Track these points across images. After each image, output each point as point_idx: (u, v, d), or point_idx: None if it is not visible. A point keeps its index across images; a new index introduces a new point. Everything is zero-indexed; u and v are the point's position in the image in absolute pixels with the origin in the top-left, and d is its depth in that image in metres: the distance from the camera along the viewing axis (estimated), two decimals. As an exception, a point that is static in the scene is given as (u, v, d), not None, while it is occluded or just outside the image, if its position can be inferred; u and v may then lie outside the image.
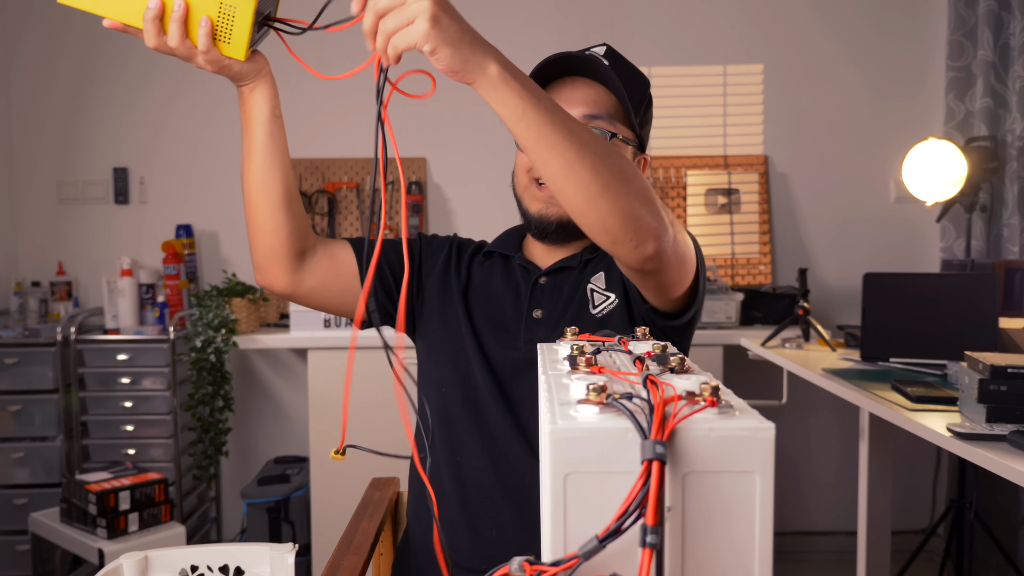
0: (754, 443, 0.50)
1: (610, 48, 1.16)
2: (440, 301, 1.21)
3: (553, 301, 1.15)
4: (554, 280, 1.17)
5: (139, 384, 2.62)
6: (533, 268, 1.20)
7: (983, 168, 2.64)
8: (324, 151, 3.03)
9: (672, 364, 0.62)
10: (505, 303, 1.18)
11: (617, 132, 1.11)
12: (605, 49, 1.16)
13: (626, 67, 1.16)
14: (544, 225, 1.15)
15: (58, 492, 2.49)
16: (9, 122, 3.04)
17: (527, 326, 1.15)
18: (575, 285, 1.15)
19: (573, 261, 1.18)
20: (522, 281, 1.19)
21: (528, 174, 1.15)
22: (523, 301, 1.17)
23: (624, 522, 0.47)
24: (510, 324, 1.16)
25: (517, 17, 3.00)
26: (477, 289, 1.21)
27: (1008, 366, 1.26)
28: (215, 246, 3.08)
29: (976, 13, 2.84)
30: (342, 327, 2.57)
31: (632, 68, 1.17)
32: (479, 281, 1.22)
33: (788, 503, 3.06)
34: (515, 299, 1.18)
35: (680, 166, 3.05)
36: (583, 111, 1.10)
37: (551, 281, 1.17)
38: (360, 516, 1.23)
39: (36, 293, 2.91)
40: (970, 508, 2.37)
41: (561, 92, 1.12)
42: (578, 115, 1.10)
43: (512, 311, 1.17)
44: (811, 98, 3.07)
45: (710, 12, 3.06)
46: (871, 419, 1.98)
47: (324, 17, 0.88)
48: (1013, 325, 1.96)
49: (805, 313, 2.36)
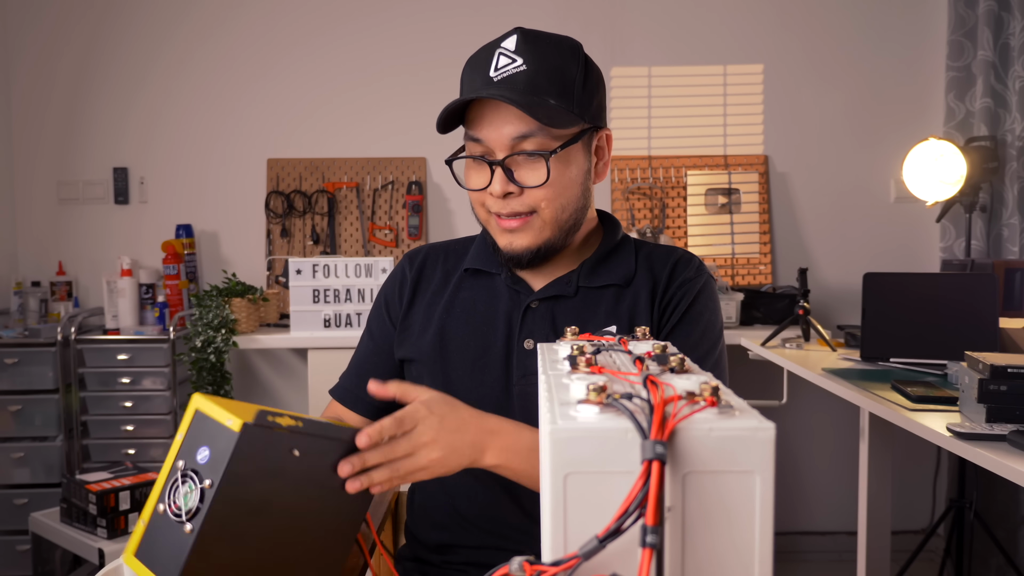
0: (754, 443, 0.50)
1: (522, 34, 1.04)
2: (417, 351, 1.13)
3: (546, 331, 1.07)
4: (546, 307, 1.09)
5: (139, 384, 2.62)
6: (524, 290, 1.11)
7: (983, 168, 2.64)
8: (324, 151, 3.03)
9: (672, 364, 0.62)
10: (494, 332, 1.10)
11: (558, 140, 1.01)
12: (516, 40, 1.03)
13: (546, 45, 1.03)
14: (514, 258, 1.07)
15: (58, 492, 2.49)
16: (9, 122, 3.04)
17: (519, 358, 1.08)
18: (569, 320, 1.07)
19: (568, 288, 1.09)
20: (511, 305, 1.11)
21: (484, 207, 1.07)
22: (513, 329, 1.09)
23: (624, 522, 0.47)
24: (497, 359, 1.08)
25: (517, 18, 3.00)
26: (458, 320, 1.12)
27: (1008, 366, 1.26)
28: (215, 246, 3.08)
29: (976, 13, 2.84)
30: (342, 327, 2.57)
31: (553, 43, 1.03)
32: (460, 311, 1.13)
33: (788, 503, 3.06)
34: (505, 328, 1.10)
35: (680, 166, 3.05)
36: (513, 132, 1.00)
37: (543, 307, 1.09)
38: (360, 516, 1.22)
39: (36, 293, 2.91)
40: (970, 508, 2.37)
41: (483, 116, 1.02)
42: (508, 137, 1.01)
43: (501, 341, 1.09)
44: (811, 98, 3.07)
45: (710, 12, 3.06)
46: (871, 419, 1.98)
47: None
48: (1013, 325, 1.96)
49: (805, 313, 2.36)
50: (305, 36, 3.04)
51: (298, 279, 2.55)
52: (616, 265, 1.12)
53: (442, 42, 3.03)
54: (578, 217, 1.08)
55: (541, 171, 1.02)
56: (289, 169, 3.03)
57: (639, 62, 3.07)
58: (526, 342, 1.08)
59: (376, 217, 3.03)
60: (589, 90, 1.04)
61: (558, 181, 1.03)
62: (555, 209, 1.04)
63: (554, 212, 1.04)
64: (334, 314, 2.56)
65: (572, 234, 1.09)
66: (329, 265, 2.55)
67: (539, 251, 1.06)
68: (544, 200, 1.03)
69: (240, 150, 3.06)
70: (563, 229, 1.06)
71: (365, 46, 3.03)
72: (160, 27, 3.04)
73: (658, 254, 1.14)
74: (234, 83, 3.05)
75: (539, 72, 1.01)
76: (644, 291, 1.10)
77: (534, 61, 1.01)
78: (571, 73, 1.02)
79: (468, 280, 1.15)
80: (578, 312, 1.08)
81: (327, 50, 3.04)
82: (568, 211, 1.06)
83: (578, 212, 1.07)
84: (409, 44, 3.03)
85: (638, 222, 3.01)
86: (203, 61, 3.05)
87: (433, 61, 3.00)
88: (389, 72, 3.01)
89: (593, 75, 1.06)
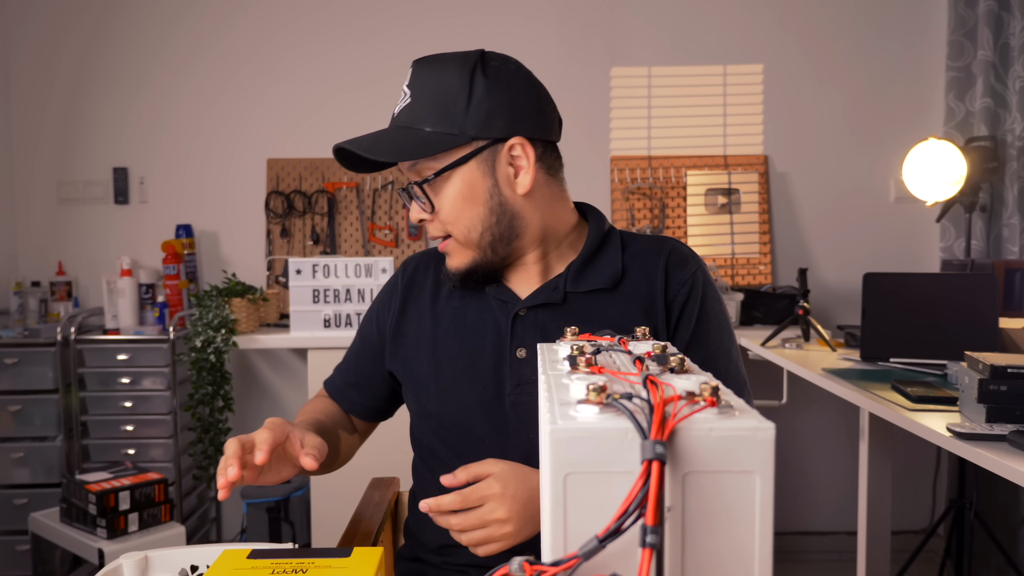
0: (754, 443, 0.50)
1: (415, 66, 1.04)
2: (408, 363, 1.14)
3: (536, 340, 1.05)
4: (535, 314, 1.07)
5: (139, 384, 2.62)
6: (511, 299, 1.09)
7: (983, 168, 2.64)
8: (324, 151, 3.03)
9: (672, 364, 0.62)
10: (483, 340, 1.08)
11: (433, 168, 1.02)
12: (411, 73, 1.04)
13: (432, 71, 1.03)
14: (452, 278, 1.09)
15: (58, 492, 2.49)
16: (9, 122, 3.04)
17: (512, 368, 1.06)
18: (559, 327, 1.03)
19: (556, 295, 1.07)
20: (500, 314, 1.09)
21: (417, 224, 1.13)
22: (503, 337, 1.07)
23: (624, 522, 0.47)
24: (487, 368, 1.07)
25: (517, 18, 3.01)
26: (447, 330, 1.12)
27: (1008, 366, 1.26)
28: (215, 246, 3.08)
29: (976, 13, 2.84)
30: (342, 327, 2.57)
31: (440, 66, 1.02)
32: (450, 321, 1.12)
33: (788, 503, 3.06)
34: (495, 336, 1.08)
35: (680, 166, 3.05)
36: (403, 165, 1.04)
37: (531, 315, 1.07)
38: (360, 516, 1.23)
39: (36, 293, 2.91)
40: (970, 508, 2.37)
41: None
42: (405, 169, 1.05)
43: (491, 350, 1.08)
44: (811, 98, 3.07)
45: (710, 12, 3.06)
46: (871, 419, 1.98)
47: None
48: (1013, 325, 1.96)
49: (805, 313, 2.36)
50: (305, 36, 3.04)
51: (298, 279, 2.55)
52: (603, 266, 1.09)
53: (442, 42, 3.02)
54: (499, 233, 1.05)
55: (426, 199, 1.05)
56: (289, 169, 3.03)
57: (639, 62, 3.07)
58: (519, 351, 1.06)
59: (376, 217, 3.03)
60: (479, 104, 1.01)
61: (447, 205, 1.04)
62: (461, 231, 1.05)
63: (462, 233, 1.05)
64: (334, 314, 2.56)
65: (505, 247, 1.06)
66: (329, 265, 2.55)
67: (472, 271, 1.07)
68: (448, 224, 1.05)
69: (240, 150, 3.06)
70: (483, 247, 1.06)
71: (365, 46, 3.03)
72: (160, 27, 3.04)
73: (647, 249, 1.12)
74: (234, 83, 3.05)
75: (419, 102, 1.02)
76: (638, 295, 1.08)
77: (418, 92, 1.03)
78: (452, 93, 1.01)
79: (453, 294, 1.14)
80: (568, 320, 1.06)
81: (327, 50, 3.04)
82: (477, 231, 1.04)
83: (496, 228, 1.05)
84: (409, 44, 3.02)
85: (638, 222, 3.01)
86: (203, 61, 3.05)
87: (433, 61, 3.00)
88: (389, 72, 3.01)
89: (489, 86, 1.01)
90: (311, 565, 0.77)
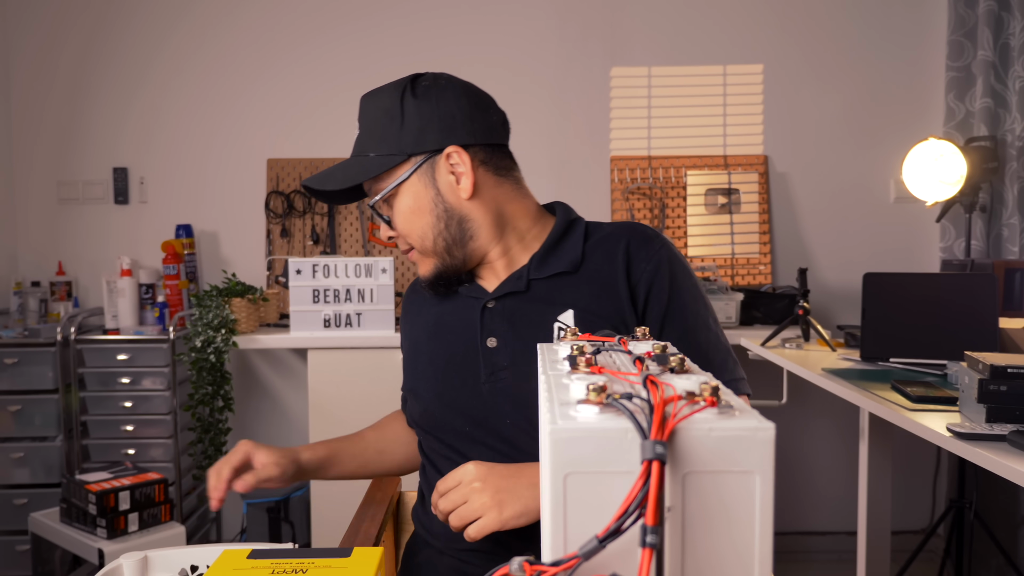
0: (754, 443, 0.50)
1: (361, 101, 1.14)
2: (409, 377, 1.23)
3: (504, 328, 1.10)
4: (502, 304, 1.12)
5: (139, 384, 2.62)
6: (480, 294, 1.14)
7: (983, 168, 2.64)
8: (324, 151, 3.03)
9: (672, 364, 0.61)
10: (456, 336, 1.14)
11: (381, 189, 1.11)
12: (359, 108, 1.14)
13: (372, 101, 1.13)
14: (426, 287, 1.17)
15: (58, 492, 2.49)
16: (9, 122, 3.04)
17: (484, 357, 1.10)
18: (525, 312, 1.10)
19: (520, 283, 1.12)
20: (471, 310, 1.14)
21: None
22: (474, 330, 1.12)
23: (624, 522, 0.47)
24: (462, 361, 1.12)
25: (517, 18, 3.01)
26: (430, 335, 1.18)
27: (1008, 366, 1.26)
28: (215, 246, 3.08)
29: (976, 13, 2.84)
30: (342, 327, 2.57)
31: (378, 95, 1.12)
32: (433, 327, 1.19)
33: (788, 503, 3.06)
34: (468, 331, 1.13)
35: (680, 166, 3.05)
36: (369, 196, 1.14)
37: (499, 306, 1.12)
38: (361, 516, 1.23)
39: (36, 293, 2.91)
40: (970, 508, 2.38)
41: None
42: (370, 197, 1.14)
43: (464, 344, 1.12)
44: (811, 98, 3.07)
45: (710, 12, 3.06)
46: (871, 419, 1.98)
47: None
48: (1013, 325, 1.96)
49: (805, 313, 2.36)
50: (305, 36, 3.04)
51: (298, 279, 2.55)
52: (564, 252, 1.13)
53: (442, 42, 3.03)
54: (451, 237, 1.12)
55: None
56: (289, 169, 3.03)
57: (639, 62, 3.07)
58: (489, 340, 1.10)
59: (376, 217, 3.03)
60: (410, 123, 1.09)
61: (400, 219, 1.12)
62: (417, 241, 1.13)
63: (418, 243, 1.13)
64: (334, 314, 2.56)
65: (461, 249, 1.13)
66: (329, 265, 2.55)
67: (439, 276, 1.14)
68: (406, 236, 1.13)
69: (240, 150, 3.06)
70: (440, 253, 1.13)
71: (365, 46, 3.03)
72: (159, 27, 3.04)
73: (610, 235, 1.14)
74: (234, 83, 3.05)
75: (364, 132, 1.13)
76: (600, 276, 1.10)
77: (363, 122, 1.13)
78: (388, 117, 1.10)
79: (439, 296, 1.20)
80: (532, 304, 1.10)
81: (327, 50, 3.04)
82: (430, 238, 1.12)
83: (447, 233, 1.11)
84: (409, 44, 3.03)
85: (638, 222, 3.01)
86: (202, 61, 3.05)
87: (433, 61, 2.98)
88: (389, 72, 2.99)
89: (419, 104, 1.09)
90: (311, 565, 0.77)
